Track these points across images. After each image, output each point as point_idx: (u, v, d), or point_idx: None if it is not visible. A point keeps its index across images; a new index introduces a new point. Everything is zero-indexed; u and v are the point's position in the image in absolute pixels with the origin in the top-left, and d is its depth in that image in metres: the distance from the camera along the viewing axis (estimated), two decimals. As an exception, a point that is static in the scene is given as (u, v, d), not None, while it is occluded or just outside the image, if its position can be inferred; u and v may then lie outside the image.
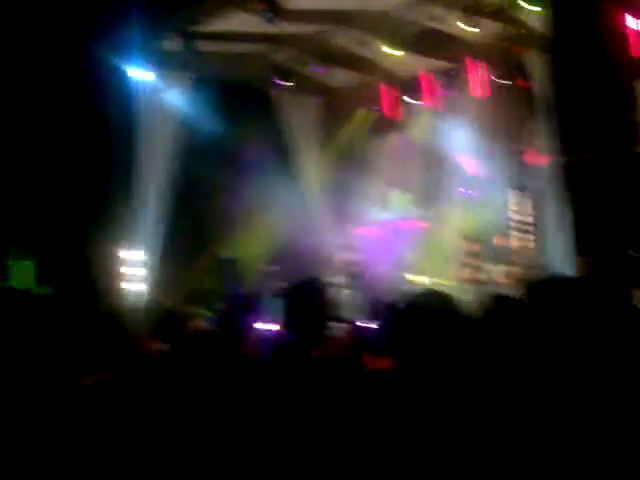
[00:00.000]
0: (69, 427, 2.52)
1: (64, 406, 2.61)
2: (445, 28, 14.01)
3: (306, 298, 3.03)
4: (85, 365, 2.97)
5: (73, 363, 2.92)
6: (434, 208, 16.04)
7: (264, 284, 14.71)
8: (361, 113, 17.23)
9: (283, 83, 15.73)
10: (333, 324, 3.07)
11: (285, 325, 3.08)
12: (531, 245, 13.80)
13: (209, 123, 14.23)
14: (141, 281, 13.73)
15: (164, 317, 4.72)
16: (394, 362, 2.58)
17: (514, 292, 11.29)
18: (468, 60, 15.12)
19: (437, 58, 15.33)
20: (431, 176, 16.09)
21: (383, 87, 16.70)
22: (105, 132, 13.24)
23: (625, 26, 11.70)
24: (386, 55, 14.65)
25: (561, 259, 12.80)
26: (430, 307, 2.56)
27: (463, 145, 15.30)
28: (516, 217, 13.97)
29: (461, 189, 15.34)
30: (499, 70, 14.55)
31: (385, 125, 16.92)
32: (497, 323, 3.24)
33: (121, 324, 3.33)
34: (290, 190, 15.69)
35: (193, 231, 14.59)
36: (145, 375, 3.82)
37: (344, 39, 14.60)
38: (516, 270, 13.27)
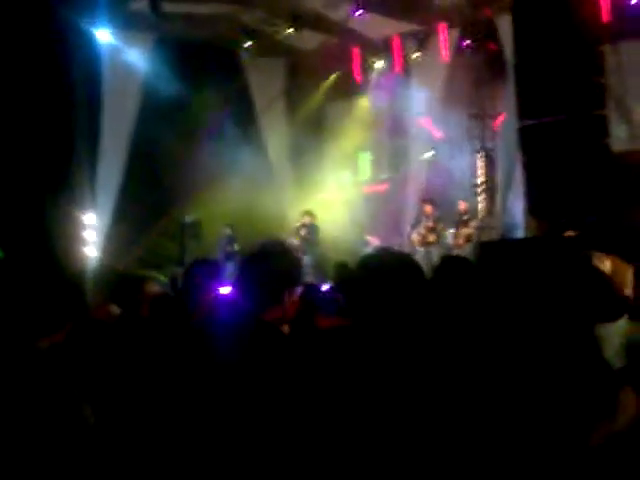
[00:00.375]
0: (24, 389, 2.49)
1: (21, 368, 2.57)
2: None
3: (265, 261, 3.00)
4: (40, 328, 2.93)
5: (28, 326, 2.87)
6: (397, 171, 16.10)
7: (222, 248, 14.71)
8: (328, 76, 17.12)
9: (249, 45, 15.54)
10: (291, 288, 3.03)
11: (240, 289, 3.04)
12: (490, 207, 13.89)
13: (172, 85, 14.05)
14: (94, 244, 13.61)
15: (118, 280, 4.68)
16: (348, 321, 2.57)
17: (467, 253, 11.43)
18: (437, 23, 15.05)
19: (406, 20, 15.22)
20: (396, 139, 16.11)
21: (351, 50, 16.60)
22: (67, 92, 13.04)
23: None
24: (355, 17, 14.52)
25: (517, 222, 12.92)
26: (384, 264, 2.54)
27: (428, 108, 15.30)
28: (478, 180, 14.02)
29: (427, 152, 15.36)
30: (467, 33, 14.48)
31: (351, 88, 16.84)
32: (446, 282, 3.25)
33: (76, 287, 3.27)
34: (253, 154, 15.62)
35: (151, 195, 14.45)
36: (99, 339, 3.78)
37: (313, 0, 14.45)
38: (473, 232, 13.32)
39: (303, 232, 14.63)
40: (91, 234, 13.58)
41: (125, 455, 2.84)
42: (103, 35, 13.66)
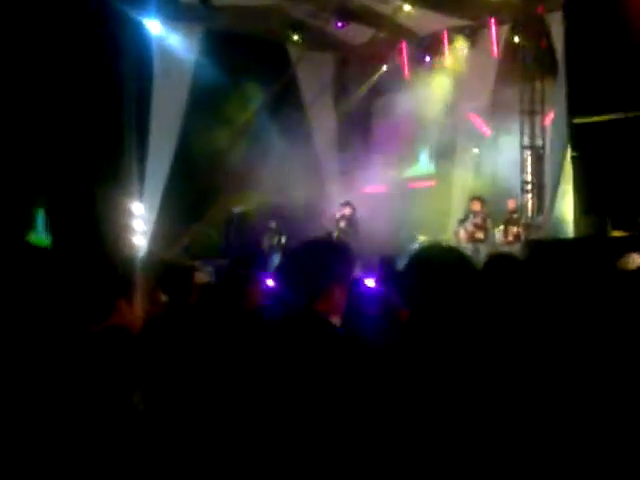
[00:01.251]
0: (77, 373, 2.52)
1: (74, 352, 2.62)
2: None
3: (312, 256, 3.01)
4: (91, 314, 2.98)
5: (80, 312, 2.92)
6: (446, 167, 16.00)
7: (268, 240, 14.78)
8: (376, 70, 17.07)
9: (298, 38, 15.56)
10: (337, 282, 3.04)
11: (288, 282, 3.06)
12: (538, 205, 13.74)
13: (221, 77, 14.13)
14: (142, 234, 13.76)
15: (167, 269, 4.74)
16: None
17: (516, 251, 11.35)
18: (488, 18, 14.93)
19: (456, 16, 15.12)
20: (444, 135, 16.01)
21: (401, 44, 16.55)
22: (117, 84, 13.19)
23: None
24: (404, 12, 14.45)
25: (566, 220, 12.78)
26: (435, 259, 2.53)
27: (478, 104, 15.19)
28: (528, 178, 13.88)
29: (474, 149, 15.26)
30: (518, 29, 14.34)
31: (399, 82, 16.78)
32: (494, 280, 3.24)
33: (125, 274, 3.32)
34: (300, 147, 15.65)
35: (198, 186, 14.56)
36: (150, 327, 3.84)
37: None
38: (521, 230, 13.25)
39: (342, 224, 14.62)
40: (139, 224, 13.74)
41: (171, 441, 2.88)
42: (153, 26, 13.76)
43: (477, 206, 13.53)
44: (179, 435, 2.75)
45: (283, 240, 14.54)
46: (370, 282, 5.20)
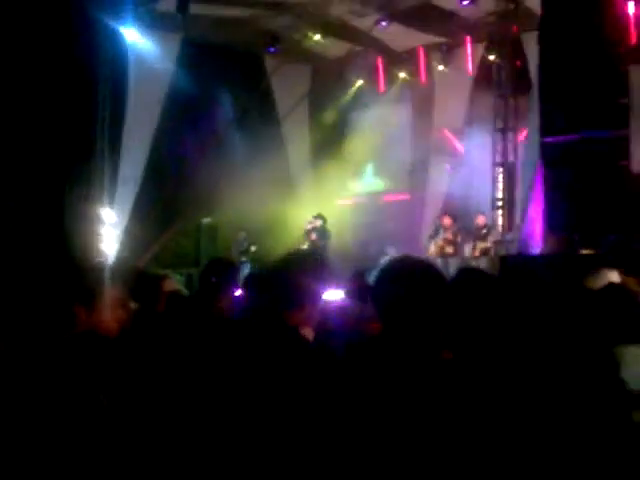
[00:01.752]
0: (47, 378, 2.49)
1: (43, 358, 2.58)
2: (442, 3, 13.93)
3: (291, 268, 3.02)
4: (57, 320, 2.94)
5: (45, 318, 2.89)
6: (417, 182, 16.09)
7: (237, 251, 14.75)
8: (351, 84, 17.16)
9: (274, 50, 15.60)
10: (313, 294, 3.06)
11: (264, 294, 3.07)
12: (509, 222, 13.85)
13: (196, 86, 14.11)
14: (112, 241, 13.66)
15: (138, 277, 4.71)
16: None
17: (484, 266, 11.41)
18: (462, 36, 15.08)
19: (432, 33, 15.26)
20: (417, 150, 16.12)
21: (375, 59, 16.65)
22: (90, 89, 13.12)
23: (625, 12, 11.67)
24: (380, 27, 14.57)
25: (535, 237, 12.90)
26: (406, 271, 2.54)
27: (451, 121, 15.32)
28: (499, 194, 14.01)
29: (446, 165, 15.37)
30: (493, 48, 14.49)
31: (374, 97, 16.88)
32: (463, 293, 3.25)
33: (93, 281, 3.29)
34: (274, 158, 15.66)
35: (170, 194, 14.51)
36: (119, 334, 3.80)
37: (339, 8, 14.47)
38: (490, 246, 13.36)
39: (313, 236, 14.62)
40: (109, 231, 13.64)
41: (139, 446, 2.84)
42: (130, 34, 13.72)
43: (447, 221, 13.62)
44: (146, 439, 2.72)
45: (253, 249, 14.52)
46: (338, 294, 5.21)
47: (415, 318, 2.37)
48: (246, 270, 12.88)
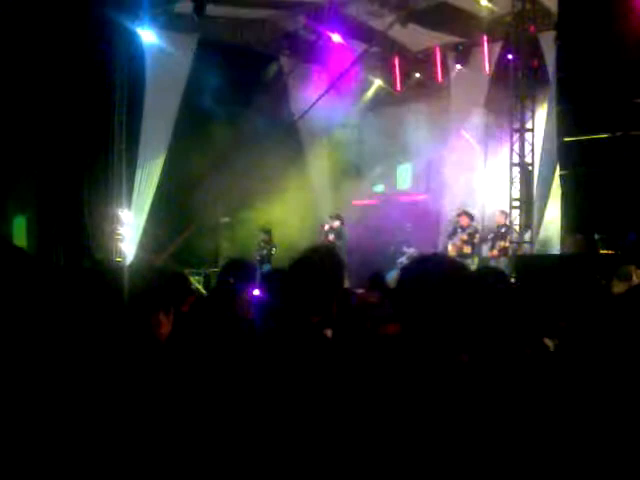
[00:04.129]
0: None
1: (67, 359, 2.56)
2: (459, 3, 13.91)
3: (313, 267, 3.00)
4: (77, 323, 2.92)
5: (66, 320, 2.87)
6: (436, 182, 16.06)
7: (258, 251, 14.77)
8: (368, 84, 17.15)
9: (290, 50, 15.62)
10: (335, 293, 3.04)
11: (286, 293, 3.04)
12: (526, 221, 13.80)
13: (213, 87, 14.13)
14: (130, 241, 13.73)
15: (168, 277, 4.72)
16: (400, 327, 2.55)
17: (503, 266, 11.37)
18: (480, 36, 15.05)
19: (449, 33, 15.23)
20: (434, 150, 16.08)
21: (393, 59, 16.65)
22: (108, 91, 13.21)
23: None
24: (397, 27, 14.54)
25: (553, 237, 12.87)
26: (429, 270, 2.51)
27: (469, 121, 15.29)
28: (516, 195, 13.96)
29: (464, 165, 15.33)
30: (511, 48, 14.43)
31: (392, 97, 16.87)
32: (482, 293, 3.23)
33: (113, 282, 3.26)
34: (292, 158, 15.67)
35: (188, 195, 14.55)
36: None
37: (355, 9, 14.48)
38: (508, 245, 13.35)
39: (330, 237, 14.63)
40: (127, 231, 13.71)
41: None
42: (147, 35, 13.77)
43: (465, 221, 13.63)
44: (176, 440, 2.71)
45: (273, 251, 14.52)
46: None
47: (438, 319, 2.35)
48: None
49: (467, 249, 13.46)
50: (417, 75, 16.48)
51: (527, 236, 13.45)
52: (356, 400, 2.34)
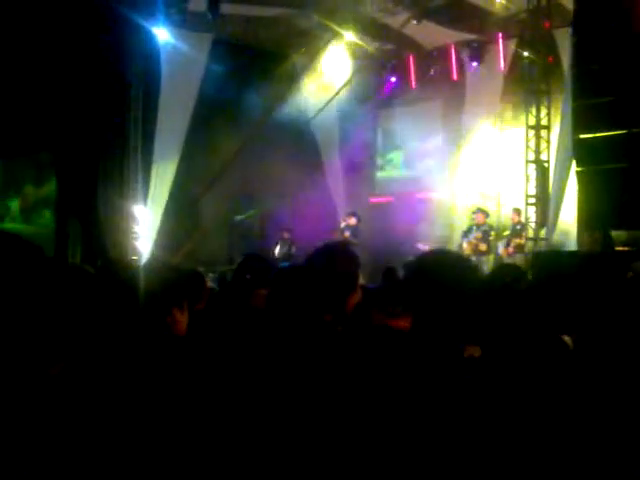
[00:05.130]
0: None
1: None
2: (473, 0, 13.88)
3: (329, 263, 3.00)
4: (93, 321, 2.91)
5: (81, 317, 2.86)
6: (450, 180, 16.02)
7: (281, 250, 14.79)
8: (382, 81, 17.14)
9: (305, 49, 15.62)
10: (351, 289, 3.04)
11: (300, 290, 3.03)
12: (542, 218, 13.75)
13: (228, 85, 14.16)
14: (146, 239, 13.76)
15: (182, 275, 4.72)
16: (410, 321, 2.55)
17: (520, 263, 11.35)
18: (495, 33, 15.00)
19: (464, 30, 15.18)
20: (448, 147, 16.05)
21: (408, 57, 16.63)
22: (123, 89, 13.27)
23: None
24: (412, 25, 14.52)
25: (569, 234, 12.82)
26: (442, 264, 2.51)
27: (484, 118, 15.26)
28: (532, 192, 13.91)
29: (479, 162, 15.30)
30: (525, 44, 14.38)
31: (407, 94, 16.85)
32: (499, 289, 3.22)
33: (129, 280, 3.25)
34: (307, 156, 15.67)
35: (203, 193, 14.58)
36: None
37: (369, 6, 14.46)
38: (524, 242, 13.34)
39: (347, 233, 14.64)
40: (143, 228, 13.75)
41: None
42: (162, 34, 13.81)
43: (481, 218, 13.63)
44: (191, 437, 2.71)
45: (293, 250, 14.56)
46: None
47: (447, 312, 2.35)
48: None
49: (483, 247, 13.46)
50: (432, 72, 16.42)
51: (543, 233, 13.42)
52: (366, 396, 2.34)
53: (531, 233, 13.54)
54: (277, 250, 14.72)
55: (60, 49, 12.21)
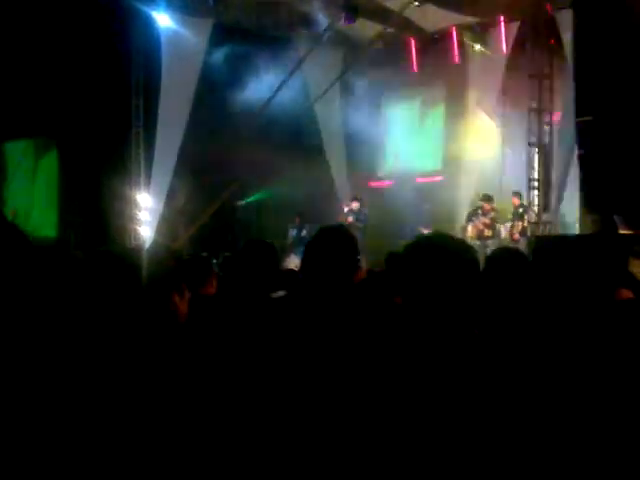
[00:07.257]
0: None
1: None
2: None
3: (329, 246, 3.00)
4: (96, 306, 2.92)
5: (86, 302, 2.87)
6: (453, 163, 15.99)
7: (293, 235, 14.86)
8: (384, 65, 17.06)
9: (306, 33, 15.54)
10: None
11: (307, 273, 3.04)
12: (545, 202, 13.74)
13: (229, 70, 14.13)
14: (148, 224, 13.79)
15: (189, 260, 4.72)
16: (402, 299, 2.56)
17: (522, 247, 11.34)
18: (497, 16, 14.92)
19: (466, 13, 15.10)
20: (452, 131, 16.01)
21: (409, 40, 16.56)
22: (124, 74, 13.26)
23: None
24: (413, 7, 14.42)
25: (572, 217, 12.82)
26: (437, 246, 2.51)
27: (487, 101, 15.21)
28: (534, 175, 13.90)
29: (482, 145, 15.26)
30: (527, 27, 14.31)
31: (407, 78, 16.79)
32: (499, 273, 3.22)
33: (131, 265, 3.25)
34: (308, 141, 15.65)
35: (205, 178, 14.57)
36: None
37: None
38: (527, 226, 13.35)
39: (351, 218, 14.65)
40: (145, 214, 13.78)
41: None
42: (162, 19, 13.77)
43: (487, 206, 13.70)
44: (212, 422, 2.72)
45: (304, 233, 14.63)
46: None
47: (434, 293, 2.35)
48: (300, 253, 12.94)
49: (488, 232, 13.56)
50: (434, 56, 16.35)
51: (545, 217, 13.42)
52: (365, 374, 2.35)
53: (534, 217, 13.55)
54: (289, 235, 14.79)
55: (61, 35, 12.20)
